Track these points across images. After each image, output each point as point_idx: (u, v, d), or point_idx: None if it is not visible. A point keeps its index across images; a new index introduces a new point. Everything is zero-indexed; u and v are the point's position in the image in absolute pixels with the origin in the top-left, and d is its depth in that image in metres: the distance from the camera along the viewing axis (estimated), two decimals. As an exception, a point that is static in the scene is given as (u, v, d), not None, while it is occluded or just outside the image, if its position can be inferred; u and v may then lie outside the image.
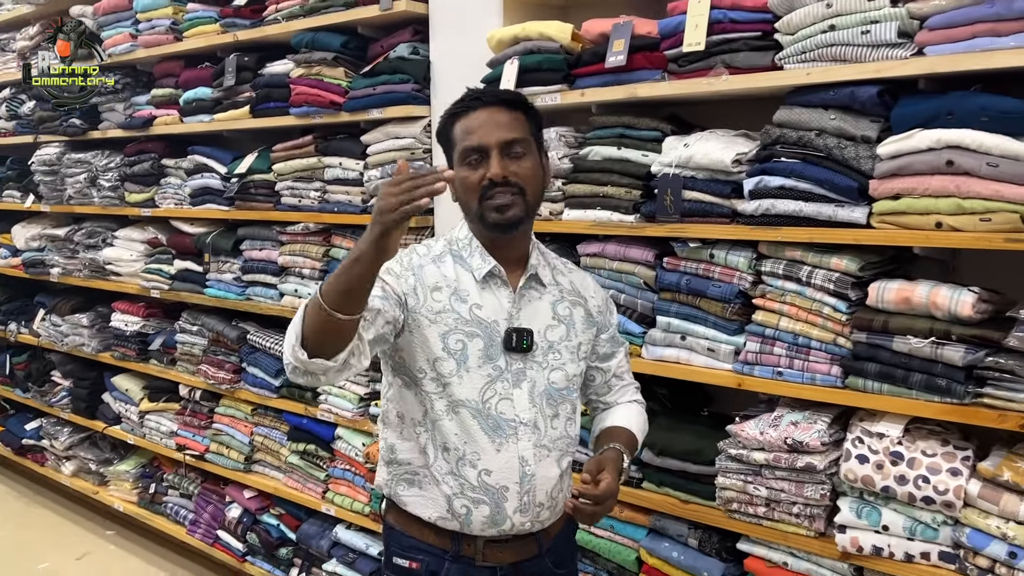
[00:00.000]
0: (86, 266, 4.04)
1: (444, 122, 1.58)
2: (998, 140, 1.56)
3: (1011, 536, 1.61)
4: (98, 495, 4.17)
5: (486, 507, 1.54)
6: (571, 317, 1.64)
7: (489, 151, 1.50)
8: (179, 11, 3.37)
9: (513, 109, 1.54)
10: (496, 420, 1.53)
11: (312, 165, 2.92)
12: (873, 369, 1.77)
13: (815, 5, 1.76)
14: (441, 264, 1.58)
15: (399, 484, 1.61)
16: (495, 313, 1.56)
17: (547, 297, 1.63)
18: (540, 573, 1.63)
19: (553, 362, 1.59)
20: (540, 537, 1.62)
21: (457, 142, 1.53)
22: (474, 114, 1.52)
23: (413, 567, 1.60)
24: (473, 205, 1.53)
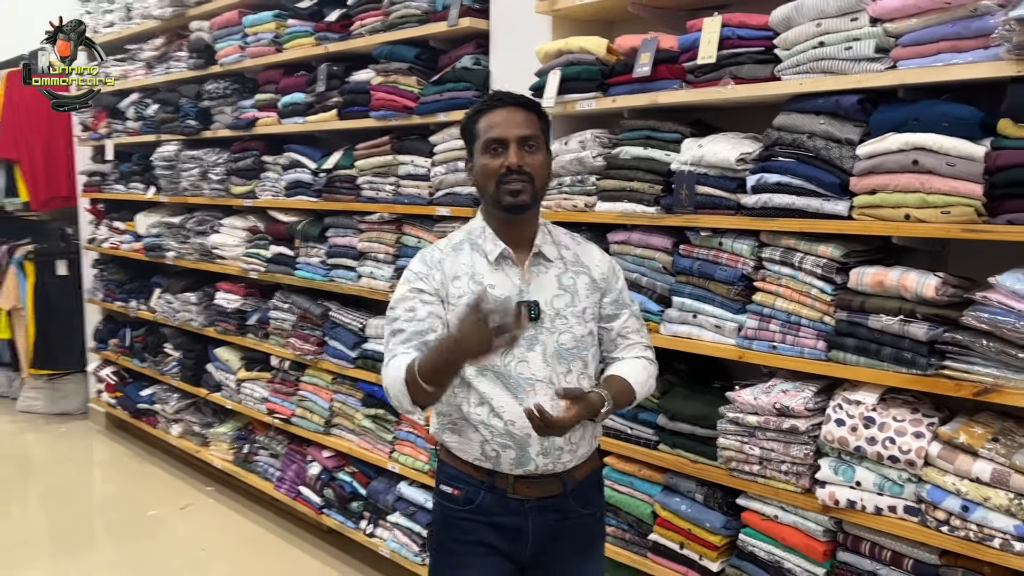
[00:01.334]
0: (196, 250, 4.56)
1: (470, 117, 1.85)
2: (956, 143, 1.79)
3: (964, 492, 1.82)
4: (200, 454, 4.68)
5: (512, 451, 1.80)
6: (575, 286, 1.86)
7: (508, 143, 1.76)
8: (281, 26, 3.83)
9: (529, 111, 1.81)
10: (516, 380, 1.78)
11: (388, 162, 3.31)
12: (852, 344, 2.01)
13: (808, 25, 2.01)
14: (459, 253, 1.84)
15: (444, 432, 1.89)
16: (507, 290, 1.81)
17: (552, 270, 1.86)
18: (565, 510, 1.87)
19: (561, 326, 1.82)
20: (564, 478, 1.85)
21: (481, 134, 1.80)
22: (497, 112, 1.79)
23: (455, 493, 1.87)
24: (491, 188, 1.79)
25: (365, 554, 3.64)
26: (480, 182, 1.83)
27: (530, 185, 1.78)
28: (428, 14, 3.08)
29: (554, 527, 1.86)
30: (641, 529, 2.51)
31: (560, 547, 1.88)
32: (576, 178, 2.59)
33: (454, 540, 1.88)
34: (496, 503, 1.83)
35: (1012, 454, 1.78)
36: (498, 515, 1.83)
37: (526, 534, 1.84)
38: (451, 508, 1.88)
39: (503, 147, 1.78)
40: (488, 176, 1.79)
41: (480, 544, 1.85)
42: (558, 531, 1.87)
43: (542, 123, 1.84)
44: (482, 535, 1.84)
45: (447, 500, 1.89)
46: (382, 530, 3.48)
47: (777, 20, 2.08)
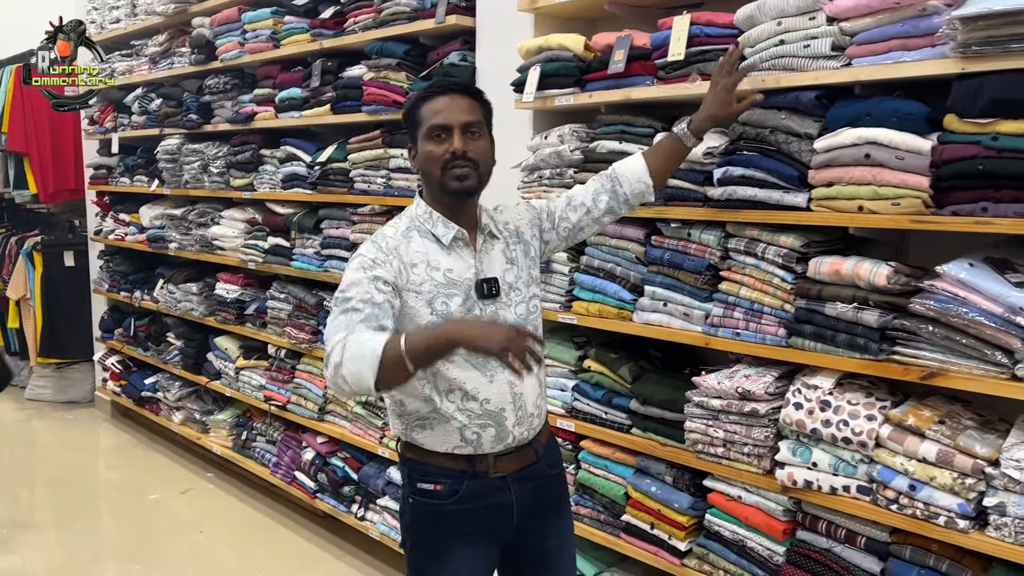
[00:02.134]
0: (197, 241, 4.67)
1: (413, 104, 1.86)
2: (904, 137, 1.86)
3: (911, 471, 1.90)
4: (201, 441, 4.80)
5: (492, 428, 1.85)
6: (517, 256, 1.94)
7: (452, 129, 1.79)
8: (278, 22, 3.92)
9: (472, 98, 1.85)
10: (485, 359, 1.82)
11: (379, 156, 3.40)
12: (809, 330, 2.09)
13: (769, 23, 2.09)
14: (410, 240, 1.84)
15: (413, 430, 1.89)
16: (464, 271, 1.84)
17: (498, 246, 1.92)
18: (539, 475, 1.96)
19: (516, 298, 1.90)
20: (535, 445, 1.94)
21: (424, 121, 1.82)
22: (440, 99, 1.82)
23: (438, 489, 1.87)
24: (436, 174, 1.81)
25: (357, 537, 3.75)
26: (425, 168, 1.84)
27: (475, 171, 1.82)
28: (417, 11, 3.17)
29: (532, 494, 1.93)
30: (615, 510, 2.60)
31: (539, 510, 1.95)
32: (555, 171, 2.68)
33: (444, 535, 1.89)
34: (480, 487, 1.87)
35: (956, 435, 1.86)
36: (484, 498, 1.88)
37: (511, 509, 1.90)
38: (436, 504, 1.88)
39: (447, 133, 1.80)
40: (433, 162, 1.81)
41: (469, 533, 1.88)
42: (536, 496, 1.94)
43: (484, 110, 1.88)
44: (472, 523, 1.88)
45: (430, 497, 1.88)
46: (372, 513, 3.58)
47: (741, 19, 2.17)
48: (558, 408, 2.73)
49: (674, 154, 2.13)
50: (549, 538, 1.99)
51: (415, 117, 1.86)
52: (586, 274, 2.63)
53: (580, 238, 2.16)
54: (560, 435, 2.77)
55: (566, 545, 2.05)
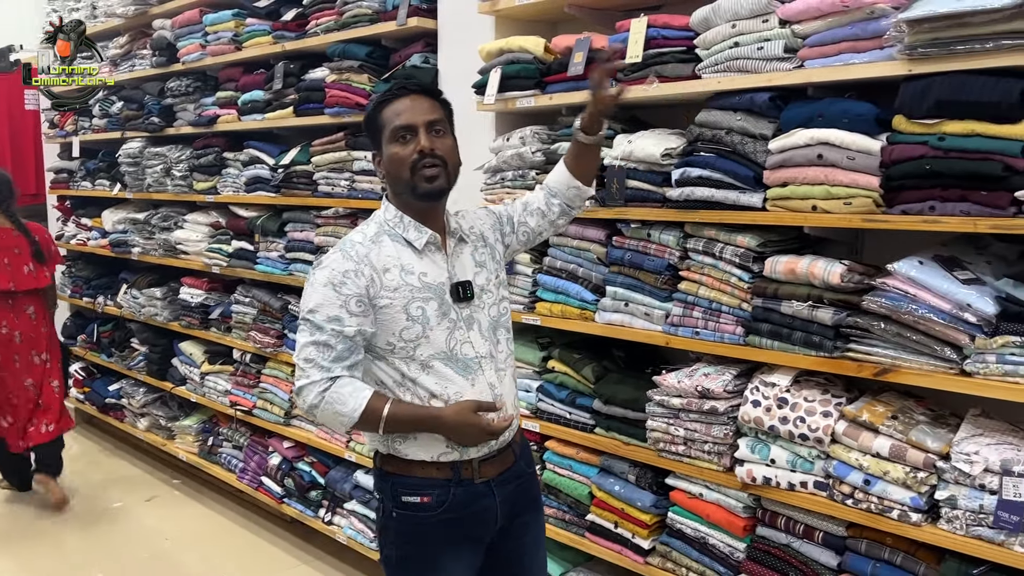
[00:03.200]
0: (160, 246, 4.61)
1: (373, 109, 1.84)
2: (855, 138, 1.90)
3: (866, 466, 1.94)
4: (166, 447, 4.74)
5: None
6: (486, 259, 1.94)
7: (417, 129, 1.77)
8: (240, 25, 3.90)
9: (432, 98, 1.84)
10: (464, 361, 1.83)
11: (343, 158, 3.39)
12: (766, 328, 2.12)
13: (724, 26, 2.12)
14: (381, 245, 1.81)
15: (395, 441, 1.84)
16: (438, 275, 1.83)
17: (467, 250, 1.91)
18: (519, 475, 1.96)
19: (488, 300, 1.90)
20: (513, 447, 1.95)
21: (387, 124, 1.80)
22: (401, 100, 1.80)
23: (425, 500, 1.83)
24: (405, 176, 1.78)
25: (324, 541, 3.73)
26: (393, 171, 1.82)
27: (444, 169, 1.80)
28: (379, 14, 3.17)
29: (513, 494, 1.94)
30: (579, 510, 2.62)
31: (518, 510, 1.96)
32: (517, 172, 2.69)
33: (431, 546, 1.86)
34: (466, 494, 1.86)
35: (909, 430, 1.89)
36: (470, 505, 1.86)
37: (495, 512, 1.90)
38: (422, 516, 1.84)
39: (412, 134, 1.78)
40: (401, 164, 1.79)
41: (455, 541, 1.87)
42: (516, 496, 1.95)
43: (445, 110, 1.87)
44: (458, 531, 1.86)
45: (417, 510, 1.84)
46: (339, 517, 3.57)
47: (697, 21, 2.19)
48: (523, 409, 2.74)
49: (580, 154, 2.11)
50: (527, 534, 2.01)
51: (377, 122, 1.83)
52: (549, 275, 2.64)
53: (538, 241, 2.18)
54: (525, 436, 2.77)
55: (541, 540, 2.07)
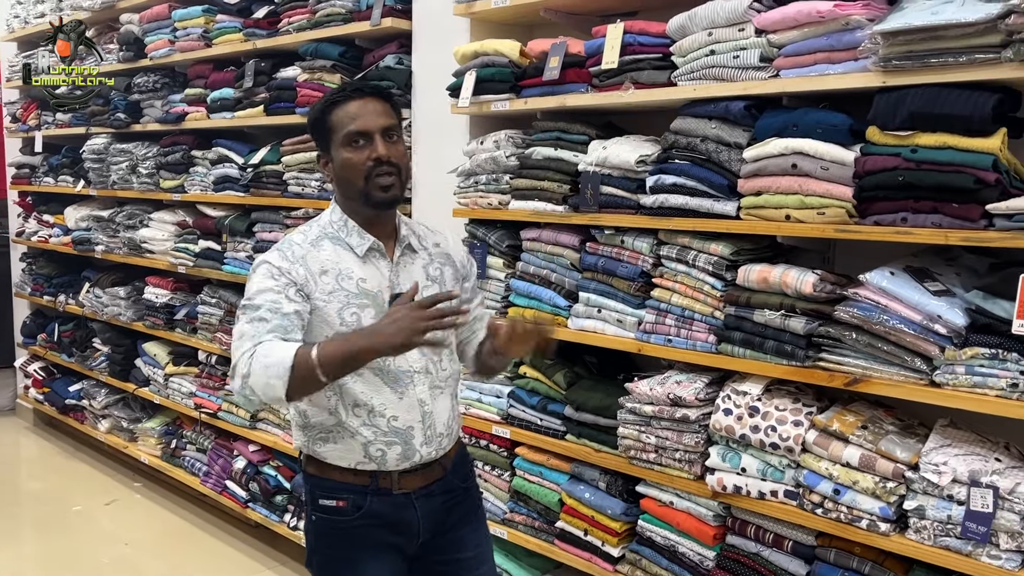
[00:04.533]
0: (125, 244, 4.52)
1: (321, 110, 1.73)
2: (828, 148, 1.90)
3: (836, 476, 1.94)
4: (128, 450, 4.65)
5: (398, 447, 1.77)
6: (442, 276, 1.86)
7: (373, 135, 1.69)
8: (210, 21, 3.84)
9: (385, 100, 1.75)
10: (395, 373, 1.75)
11: (313, 159, 3.34)
12: (738, 337, 2.11)
13: (700, 34, 2.12)
14: (320, 248, 1.74)
15: (315, 443, 1.80)
16: (378, 283, 1.75)
17: (419, 261, 1.83)
18: (449, 489, 1.88)
19: None
20: (443, 461, 1.87)
21: (339, 127, 1.71)
22: (354, 103, 1.71)
23: (340, 505, 1.78)
24: (359, 184, 1.70)
25: (289, 547, 3.67)
26: (345, 177, 1.73)
27: (398, 177, 1.74)
28: (352, 13, 3.13)
29: (441, 509, 1.87)
30: (549, 517, 2.60)
31: (449, 525, 1.89)
32: (491, 176, 2.67)
33: (350, 551, 1.81)
34: (384, 504, 1.80)
35: (879, 440, 1.90)
36: (388, 514, 1.81)
37: (416, 526, 1.83)
38: (339, 520, 1.80)
39: (367, 139, 1.70)
40: (355, 171, 1.71)
41: (373, 548, 1.82)
42: (446, 512, 1.88)
43: (397, 113, 1.80)
44: (376, 538, 1.81)
45: (333, 513, 1.80)
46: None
47: (674, 28, 2.19)
48: (493, 415, 2.72)
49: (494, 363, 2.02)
50: (463, 551, 1.92)
51: (325, 123, 1.74)
52: (521, 280, 2.62)
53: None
54: (496, 442, 2.76)
55: (484, 557, 1.98)
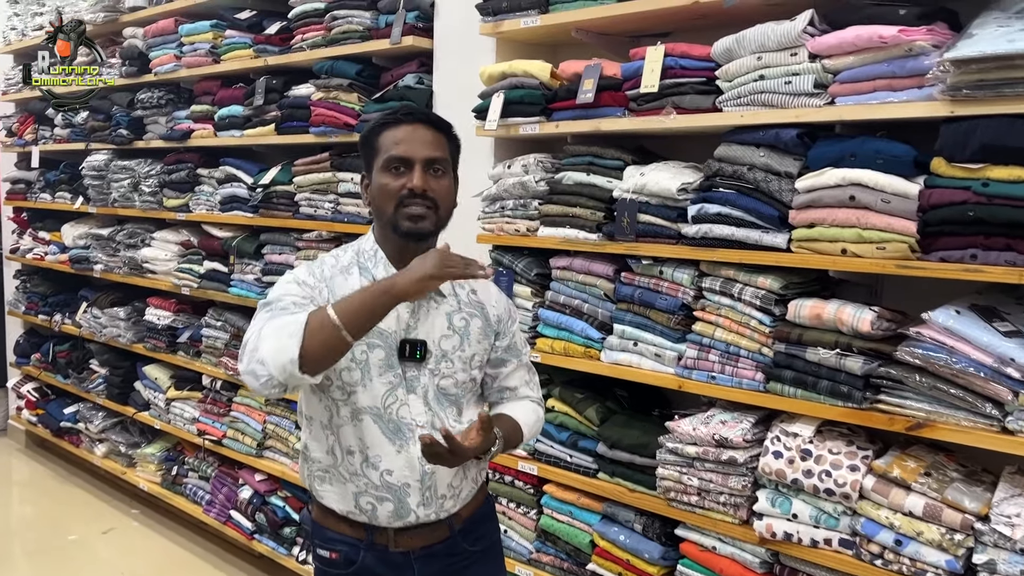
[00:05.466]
0: (126, 264, 4.40)
1: (372, 130, 1.65)
2: (890, 180, 1.81)
3: (897, 526, 1.84)
4: (126, 476, 4.51)
5: (390, 503, 1.64)
6: (467, 328, 1.70)
7: (413, 163, 1.59)
8: (218, 36, 3.73)
9: (439, 131, 1.65)
10: (396, 424, 1.63)
11: (327, 179, 3.24)
12: (789, 376, 2.01)
13: (748, 58, 2.02)
14: (348, 276, 1.65)
15: (315, 479, 1.71)
16: (393, 324, 1.63)
17: (444, 307, 1.69)
18: (455, 552, 1.72)
19: (445, 370, 1.67)
20: (451, 521, 1.71)
21: (382, 150, 1.61)
22: (404, 127, 1.62)
23: (333, 557, 1.69)
24: (389, 211, 1.60)
25: (297, 581, 3.54)
26: (378, 202, 1.64)
27: (434, 212, 1.62)
28: (371, 31, 3.03)
29: (443, 573, 1.72)
30: (579, 559, 2.48)
31: None
32: (519, 202, 2.56)
33: None
34: (378, 561, 1.67)
35: (944, 488, 1.80)
36: (382, 573, 1.68)
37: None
38: (333, 573, 1.70)
39: (406, 167, 1.60)
40: (387, 197, 1.61)
41: None
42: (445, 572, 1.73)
43: (452, 146, 1.69)
44: None
45: (327, 565, 1.70)
46: (315, 557, 3.38)
47: (719, 52, 2.09)
48: (519, 450, 2.60)
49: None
50: None
51: (372, 143, 1.64)
52: (551, 310, 2.52)
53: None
54: (521, 478, 2.65)
55: None
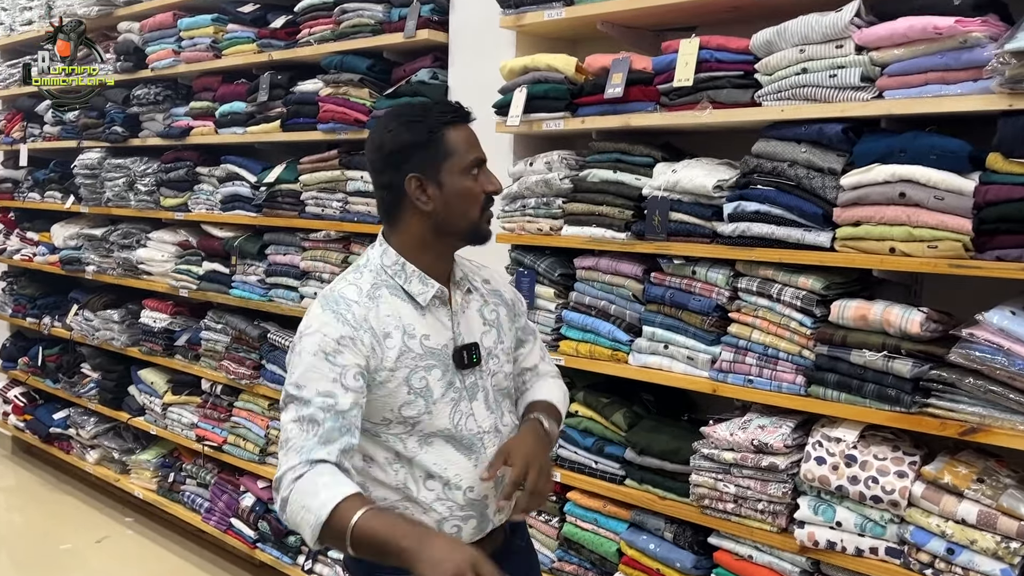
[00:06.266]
0: (120, 265, 4.27)
1: (430, 128, 1.54)
2: (944, 176, 1.75)
3: (949, 534, 1.77)
4: (119, 483, 4.38)
5: (474, 520, 1.61)
6: (498, 319, 1.70)
7: (484, 165, 1.58)
8: (219, 31, 3.62)
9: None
10: (469, 439, 1.59)
11: (336, 177, 3.14)
12: (832, 379, 1.95)
13: (791, 50, 1.96)
14: (379, 302, 1.55)
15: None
16: (442, 337, 1.58)
17: (474, 304, 1.67)
18: (509, 551, 1.72)
19: (494, 367, 1.66)
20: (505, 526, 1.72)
21: (457, 151, 1.54)
22: (467, 128, 1.58)
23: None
24: (474, 215, 1.56)
25: (302, 591, 3.43)
26: (457, 207, 1.56)
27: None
28: (382, 24, 2.94)
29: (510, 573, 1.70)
30: (605, 568, 2.40)
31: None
32: (542, 200, 2.48)
33: None
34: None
35: (998, 495, 1.74)
36: None
37: None
38: None
39: (481, 169, 1.57)
40: (473, 201, 1.56)
41: None
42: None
43: None
44: None
45: None
46: (322, 566, 3.29)
47: (758, 44, 2.03)
48: (541, 456, 2.52)
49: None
50: None
51: (437, 143, 1.53)
52: (576, 312, 2.44)
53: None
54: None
55: None
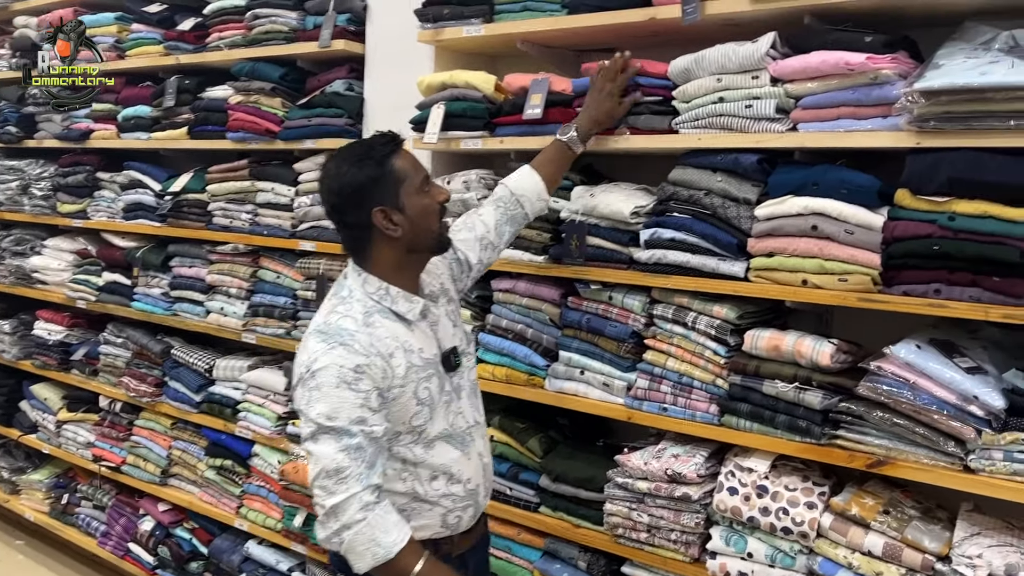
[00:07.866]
0: (12, 273, 4.03)
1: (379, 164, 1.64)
2: (855, 211, 1.76)
3: (856, 565, 1.79)
4: (9, 504, 4.12)
5: (472, 509, 1.79)
6: (456, 314, 1.84)
7: (430, 178, 1.72)
8: (123, 30, 3.46)
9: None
10: (461, 435, 1.75)
11: (245, 188, 3.02)
12: (745, 409, 1.94)
13: (708, 78, 1.95)
14: (376, 328, 1.63)
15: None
16: (430, 346, 1.71)
17: (442, 309, 1.79)
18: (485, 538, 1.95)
19: (467, 363, 1.81)
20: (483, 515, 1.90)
21: (407, 175, 1.66)
22: (405, 151, 1.71)
23: None
24: (435, 227, 1.70)
25: (204, 620, 3.28)
26: (422, 224, 1.68)
27: None
28: (296, 32, 2.85)
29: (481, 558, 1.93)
30: (518, 597, 2.36)
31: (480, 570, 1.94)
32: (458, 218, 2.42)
33: None
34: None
35: (904, 527, 1.76)
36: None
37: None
38: None
39: (428, 184, 1.71)
40: (433, 215, 1.70)
41: None
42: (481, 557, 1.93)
43: None
44: None
45: None
46: (224, 595, 3.15)
47: (676, 71, 2.01)
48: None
49: (564, 163, 2.08)
50: None
51: (389, 175, 1.65)
52: (493, 335, 2.38)
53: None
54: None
55: None
